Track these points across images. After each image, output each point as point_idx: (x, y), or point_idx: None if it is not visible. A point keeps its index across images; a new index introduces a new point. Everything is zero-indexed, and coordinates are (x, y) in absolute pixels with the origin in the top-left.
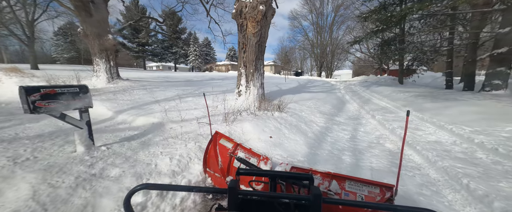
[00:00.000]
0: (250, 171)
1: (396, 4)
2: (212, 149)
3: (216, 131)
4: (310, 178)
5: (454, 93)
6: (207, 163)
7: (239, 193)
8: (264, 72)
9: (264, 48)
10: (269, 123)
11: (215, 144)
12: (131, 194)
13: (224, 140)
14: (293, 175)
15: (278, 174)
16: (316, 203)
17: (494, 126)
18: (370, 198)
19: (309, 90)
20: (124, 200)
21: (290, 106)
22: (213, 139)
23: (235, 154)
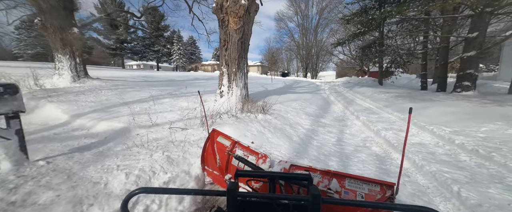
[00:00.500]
0: (249, 173)
1: (376, 8)
2: (210, 147)
3: (213, 129)
4: (309, 179)
5: (429, 94)
6: (205, 161)
7: (238, 195)
8: (248, 72)
9: (247, 46)
10: (252, 126)
11: (213, 142)
12: (128, 199)
13: (222, 137)
14: (292, 176)
15: (277, 175)
16: (315, 204)
17: (470, 127)
18: (371, 196)
19: (295, 91)
20: (121, 206)
21: (275, 107)
22: (210, 137)
23: (233, 152)
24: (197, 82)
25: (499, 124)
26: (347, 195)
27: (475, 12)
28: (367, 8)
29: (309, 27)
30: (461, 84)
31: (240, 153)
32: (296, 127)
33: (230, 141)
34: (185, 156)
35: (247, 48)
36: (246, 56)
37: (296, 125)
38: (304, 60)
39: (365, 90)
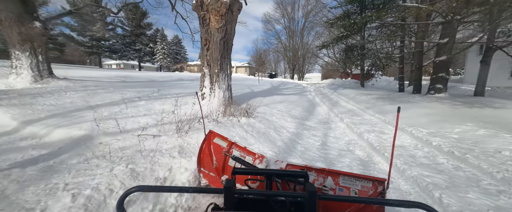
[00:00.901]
0: (246, 170)
1: (357, 13)
2: (206, 148)
3: (210, 130)
4: (305, 176)
5: (407, 96)
6: (202, 162)
7: (235, 192)
8: (231, 73)
9: (231, 46)
10: (234, 131)
11: (209, 143)
12: (124, 197)
13: (219, 139)
14: (289, 173)
15: (274, 173)
16: (311, 200)
17: (444, 128)
18: (363, 192)
19: (282, 93)
20: (117, 204)
21: (260, 110)
22: (207, 138)
23: (230, 152)
24: (181, 83)
25: (470, 125)
26: (342, 191)
27: (446, 20)
28: (350, 13)
29: (296, 29)
30: (434, 87)
31: (237, 154)
32: (280, 131)
33: (227, 142)
34: (154, 168)
35: (230, 48)
36: (229, 56)
37: (280, 128)
38: (291, 62)
39: (349, 92)
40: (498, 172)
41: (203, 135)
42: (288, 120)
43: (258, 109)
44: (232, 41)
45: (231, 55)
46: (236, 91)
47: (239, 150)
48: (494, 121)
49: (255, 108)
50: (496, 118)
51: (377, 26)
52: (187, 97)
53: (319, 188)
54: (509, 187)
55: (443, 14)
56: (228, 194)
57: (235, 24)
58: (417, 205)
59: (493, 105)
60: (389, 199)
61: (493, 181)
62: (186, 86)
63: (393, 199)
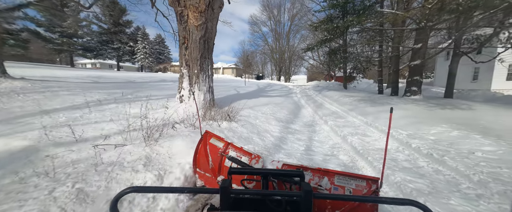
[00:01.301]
0: (242, 170)
1: (339, 18)
2: (202, 148)
3: (206, 131)
4: (301, 175)
5: (386, 97)
6: (197, 163)
7: (231, 192)
8: (212, 74)
9: (212, 46)
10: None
11: (206, 144)
12: (118, 198)
13: (215, 139)
14: (285, 173)
15: (270, 172)
16: (307, 199)
17: (422, 130)
18: (358, 191)
19: (268, 94)
20: (111, 205)
21: (245, 113)
22: (203, 139)
23: (226, 153)
24: (162, 85)
25: (444, 126)
26: (336, 190)
27: (419, 26)
28: (332, 17)
29: (282, 32)
30: (410, 89)
31: (233, 154)
32: (264, 135)
33: (223, 143)
34: (110, 186)
35: (211, 48)
36: (210, 56)
37: (264, 132)
38: (277, 64)
39: (333, 94)
40: (474, 174)
41: (178, 144)
42: (272, 124)
43: (242, 112)
44: (213, 41)
45: (218, 56)
46: (221, 93)
47: (235, 150)
48: (464, 123)
49: (239, 111)
50: (466, 120)
51: (358, 31)
52: (167, 99)
53: (315, 187)
54: (485, 190)
55: (416, 21)
56: (224, 194)
57: (217, 22)
58: (409, 203)
59: (461, 106)
60: (382, 197)
61: (471, 185)
62: (167, 87)
63: (386, 197)
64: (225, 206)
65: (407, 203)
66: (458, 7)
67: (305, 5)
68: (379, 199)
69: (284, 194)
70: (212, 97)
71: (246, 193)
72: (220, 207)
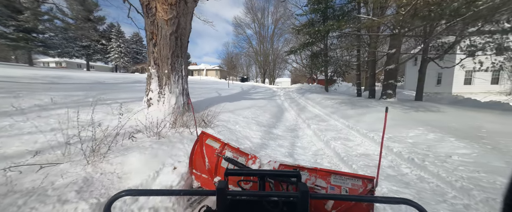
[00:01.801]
0: (239, 171)
1: (320, 22)
2: (199, 149)
3: (202, 131)
4: (297, 175)
5: (365, 100)
6: (194, 164)
7: (228, 194)
8: (187, 75)
9: (186, 44)
10: (180, 149)
11: (202, 145)
12: (111, 202)
13: (211, 140)
14: (281, 173)
15: (267, 173)
16: (303, 199)
17: (401, 132)
18: (354, 190)
19: (251, 97)
20: (104, 209)
21: (224, 117)
22: (199, 140)
23: (222, 154)
24: (136, 86)
25: (420, 129)
26: (333, 190)
27: (393, 32)
28: (314, 22)
29: (266, 35)
30: (386, 92)
31: (230, 154)
32: (243, 142)
33: (220, 143)
34: None
35: (185, 46)
36: (184, 55)
37: (244, 139)
38: (262, 66)
39: (315, 97)
40: (456, 180)
41: (132, 160)
42: (253, 129)
43: (221, 116)
44: (187, 38)
45: (201, 57)
46: (201, 95)
47: (232, 151)
48: (438, 125)
49: (217, 115)
50: (439, 122)
51: (338, 36)
52: (136, 103)
53: (311, 187)
54: (470, 199)
55: (390, 27)
56: (220, 196)
57: (191, 18)
58: (403, 202)
59: (432, 109)
60: (377, 196)
61: (455, 193)
62: (140, 89)
63: (381, 196)
64: (222, 208)
65: (401, 202)
66: (429, 14)
67: (288, 9)
68: (374, 198)
69: (281, 195)
70: (187, 100)
71: (242, 195)
72: (217, 209)
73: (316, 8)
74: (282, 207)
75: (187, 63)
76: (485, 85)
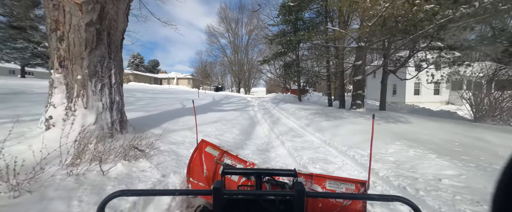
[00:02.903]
0: (236, 170)
1: (291, 33)
2: (198, 157)
3: (202, 139)
4: (294, 175)
5: (336, 110)
6: (191, 173)
7: (224, 193)
8: (120, 83)
9: (118, 41)
10: (73, 199)
11: (201, 152)
12: (105, 203)
13: (210, 148)
14: (278, 172)
15: (263, 172)
16: (299, 198)
17: (379, 148)
18: None
19: (221, 108)
20: (97, 210)
21: (177, 137)
22: (198, 148)
23: (221, 160)
24: None
25: (398, 144)
26: None
27: (358, 45)
28: (285, 32)
29: (240, 45)
30: (355, 102)
31: (229, 162)
32: None
33: (219, 151)
34: None
35: (117, 44)
36: (116, 57)
37: None
38: (237, 76)
39: (289, 107)
40: None
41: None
42: None
43: (173, 137)
44: (121, 34)
45: (174, 65)
46: (160, 108)
47: (230, 158)
48: (413, 138)
49: (166, 135)
50: (412, 134)
51: (308, 47)
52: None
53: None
54: None
55: (356, 40)
56: (217, 195)
57: (127, 9)
58: (397, 199)
59: (400, 119)
60: (371, 194)
61: None
62: None
63: (374, 194)
64: (218, 208)
65: (395, 199)
66: (397, 24)
67: (262, 20)
68: (368, 196)
69: (277, 194)
70: (121, 118)
71: (239, 194)
72: (213, 208)
73: (287, 19)
74: (279, 206)
75: (121, 67)
76: (430, 96)
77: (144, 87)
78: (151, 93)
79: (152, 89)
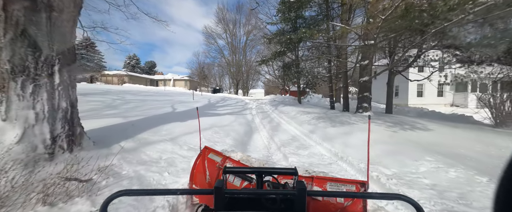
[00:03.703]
0: (237, 169)
1: (290, 31)
2: (201, 164)
3: (205, 146)
4: (295, 173)
5: (340, 114)
6: (194, 179)
7: (225, 192)
8: (71, 84)
9: (67, 26)
10: None
11: (204, 159)
12: (108, 202)
13: (213, 154)
14: (279, 170)
15: (265, 171)
16: (300, 196)
17: (406, 166)
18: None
19: (215, 112)
20: (101, 209)
21: (152, 153)
22: (202, 154)
23: (223, 166)
24: None
25: (430, 160)
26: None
27: (365, 44)
28: (284, 31)
29: (238, 46)
30: (361, 105)
31: (231, 166)
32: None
33: (221, 157)
34: None
35: (66, 30)
36: (63, 48)
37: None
38: (235, 77)
39: (289, 110)
40: None
41: None
42: None
43: (148, 152)
44: (70, 15)
45: (171, 67)
46: (146, 112)
47: (233, 164)
48: (444, 151)
49: (139, 149)
50: (440, 146)
51: (309, 47)
52: None
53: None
54: None
55: (362, 38)
56: (218, 194)
57: None
58: (398, 197)
59: (416, 125)
60: (371, 192)
61: None
62: None
63: (375, 192)
64: (219, 207)
65: (396, 197)
66: (421, 14)
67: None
68: (368, 194)
69: (278, 193)
70: (69, 130)
71: (240, 193)
72: (214, 207)
73: (286, 17)
74: (280, 204)
75: (72, 61)
76: (433, 98)
77: (138, 88)
78: (143, 95)
79: (146, 91)
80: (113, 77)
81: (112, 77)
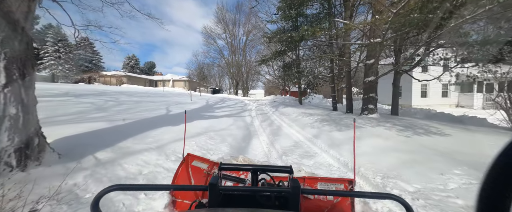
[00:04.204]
0: (233, 165)
1: (291, 30)
2: (183, 172)
3: (188, 153)
4: (290, 171)
5: (344, 116)
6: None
7: (220, 189)
8: (26, 84)
9: (19, 14)
10: None
11: (187, 167)
12: (99, 197)
13: (198, 161)
14: (274, 168)
15: (260, 168)
16: (294, 193)
17: (432, 181)
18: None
19: (213, 114)
20: (92, 205)
21: (132, 165)
22: (184, 162)
23: (212, 172)
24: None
25: (459, 173)
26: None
27: (370, 42)
28: (285, 30)
29: (238, 46)
30: (367, 107)
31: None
32: None
33: (208, 164)
34: None
35: (16, 19)
36: (11, 42)
37: None
38: (234, 78)
39: (290, 111)
40: None
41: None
42: None
43: (122, 165)
44: (27, 13)
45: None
46: (137, 115)
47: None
48: (472, 162)
49: (113, 163)
50: (464, 155)
51: (310, 46)
52: None
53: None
54: None
55: (366, 35)
56: (213, 191)
57: None
58: (388, 197)
59: (430, 129)
60: (363, 191)
61: None
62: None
63: (366, 191)
64: (214, 203)
65: (387, 197)
66: (443, 4)
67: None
68: (360, 193)
69: (273, 190)
70: (21, 143)
71: (235, 190)
72: (208, 204)
73: (287, 15)
74: (274, 201)
75: (28, 58)
76: (437, 98)
77: (136, 89)
78: (139, 96)
79: (144, 92)
80: (111, 78)
81: (111, 77)
